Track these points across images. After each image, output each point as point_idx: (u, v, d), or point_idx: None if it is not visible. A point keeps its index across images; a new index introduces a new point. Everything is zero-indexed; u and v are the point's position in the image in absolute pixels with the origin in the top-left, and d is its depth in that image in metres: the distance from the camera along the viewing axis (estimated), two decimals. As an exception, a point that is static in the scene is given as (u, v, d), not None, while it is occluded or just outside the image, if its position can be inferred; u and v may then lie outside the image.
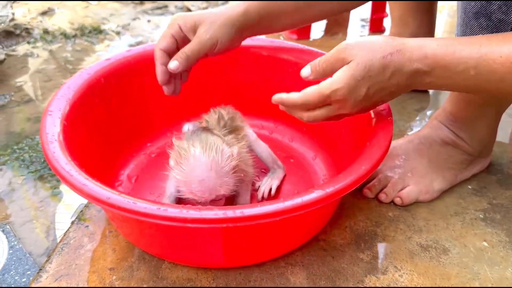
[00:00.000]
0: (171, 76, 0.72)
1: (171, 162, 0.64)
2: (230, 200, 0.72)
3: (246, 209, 0.54)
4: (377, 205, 0.79)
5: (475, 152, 0.82)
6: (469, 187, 0.84)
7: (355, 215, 0.76)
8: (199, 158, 0.60)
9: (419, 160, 0.81)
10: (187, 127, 0.75)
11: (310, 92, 0.60)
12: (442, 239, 0.73)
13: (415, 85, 0.60)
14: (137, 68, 0.84)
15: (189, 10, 1.66)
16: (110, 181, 0.79)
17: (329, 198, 0.57)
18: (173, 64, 0.69)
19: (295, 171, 0.84)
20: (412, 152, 0.82)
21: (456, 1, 0.69)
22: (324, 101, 0.60)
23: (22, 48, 1.37)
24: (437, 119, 0.84)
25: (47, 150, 0.62)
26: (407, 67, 0.57)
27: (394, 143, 0.85)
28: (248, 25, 0.73)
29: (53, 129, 0.66)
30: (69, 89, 0.75)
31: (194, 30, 0.70)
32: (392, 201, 0.79)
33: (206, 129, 0.68)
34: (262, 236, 0.64)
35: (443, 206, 0.79)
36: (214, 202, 0.64)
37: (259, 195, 0.77)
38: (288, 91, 0.62)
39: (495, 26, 0.63)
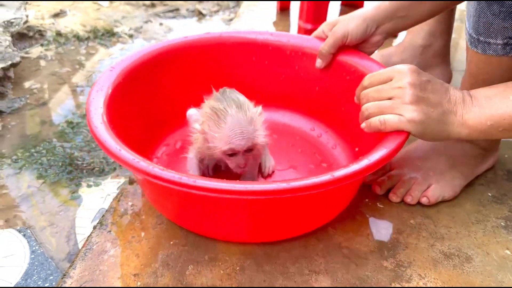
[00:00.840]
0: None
1: (202, 126, 0.72)
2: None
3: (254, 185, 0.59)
4: (399, 212, 0.79)
5: (487, 146, 0.84)
6: (489, 194, 0.84)
7: (377, 223, 0.76)
8: (237, 115, 0.68)
9: (438, 159, 0.82)
10: (192, 111, 0.79)
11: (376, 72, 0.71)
12: (464, 247, 0.73)
13: (461, 107, 0.66)
14: (189, 53, 0.90)
15: (200, 13, 1.66)
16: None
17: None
18: (318, 63, 0.89)
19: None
20: (430, 152, 0.83)
21: None
22: (387, 77, 0.68)
23: (35, 51, 1.37)
24: None
25: (92, 118, 0.67)
26: (458, 90, 0.68)
27: (410, 146, 0.86)
28: (381, 18, 0.83)
29: (99, 101, 0.72)
30: (122, 62, 0.82)
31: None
32: (419, 202, 0.80)
33: (231, 90, 0.73)
34: (287, 210, 0.67)
35: (464, 214, 0.79)
36: (247, 153, 0.71)
37: (266, 171, 0.84)
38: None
39: (508, 12, 0.64)
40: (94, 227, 0.74)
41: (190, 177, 0.58)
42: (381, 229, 0.75)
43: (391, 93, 0.67)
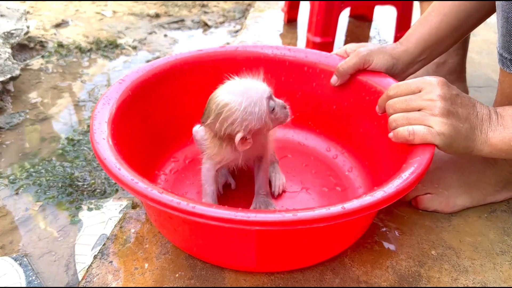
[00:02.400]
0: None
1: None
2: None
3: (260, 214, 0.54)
4: (419, 241, 0.74)
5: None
6: (513, 222, 0.79)
7: (396, 254, 0.72)
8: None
9: (450, 174, 0.80)
10: (198, 128, 0.76)
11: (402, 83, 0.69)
12: (490, 281, 0.68)
13: (487, 124, 0.65)
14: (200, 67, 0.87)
15: (206, 24, 1.62)
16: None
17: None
18: (333, 79, 0.85)
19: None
20: (450, 165, 0.81)
21: (496, 13, 0.67)
22: (415, 87, 0.66)
23: (36, 63, 1.33)
24: None
25: (94, 132, 0.65)
26: (485, 106, 0.67)
27: None
28: (407, 63, 0.83)
29: (105, 115, 0.69)
30: (133, 75, 0.79)
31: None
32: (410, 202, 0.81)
33: None
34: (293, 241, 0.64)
35: (488, 244, 0.74)
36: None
37: (276, 191, 0.81)
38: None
39: None
40: (95, 257, 0.70)
41: (189, 203, 0.54)
42: (401, 260, 0.71)
43: (420, 104, 0.65)
